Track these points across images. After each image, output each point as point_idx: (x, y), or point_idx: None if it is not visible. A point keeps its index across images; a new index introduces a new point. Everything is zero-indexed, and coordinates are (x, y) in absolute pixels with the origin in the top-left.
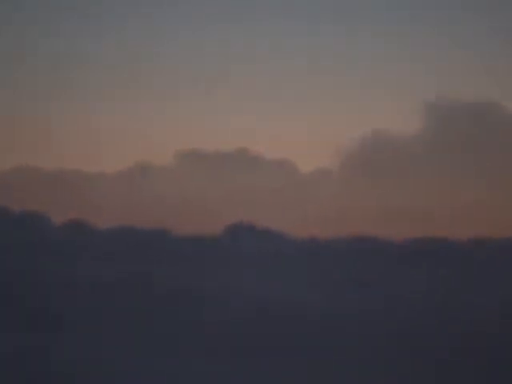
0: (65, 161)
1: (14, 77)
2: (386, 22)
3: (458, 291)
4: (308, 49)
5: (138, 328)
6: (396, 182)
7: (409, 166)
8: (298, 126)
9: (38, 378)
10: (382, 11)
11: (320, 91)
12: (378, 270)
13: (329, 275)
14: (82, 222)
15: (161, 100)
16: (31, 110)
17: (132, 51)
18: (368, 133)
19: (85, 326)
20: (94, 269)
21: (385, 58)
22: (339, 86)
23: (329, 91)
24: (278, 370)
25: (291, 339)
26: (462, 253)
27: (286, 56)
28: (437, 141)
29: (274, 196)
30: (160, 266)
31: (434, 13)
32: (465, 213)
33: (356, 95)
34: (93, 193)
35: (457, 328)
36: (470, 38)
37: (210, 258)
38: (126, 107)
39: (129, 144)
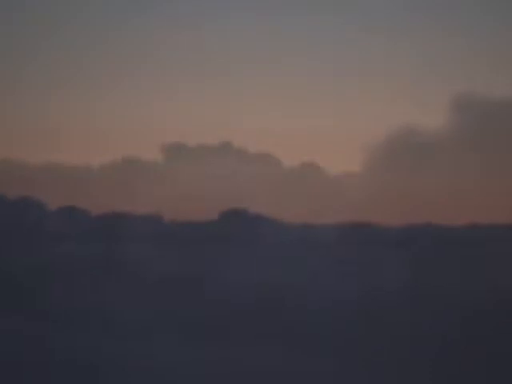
0: (55, 154)
1: (14, 77)
2: (387, 21)
3: (452, 276)
4: (307, 49)
5: (134, 314)
6: (389, 169)
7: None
8: (295, 123)
9: (37, 376)
10: (382, 11)
11: (317, 90)
12: (373, 256)
13: (323, 260)
14: (74, 208)
15: (153, 93)
16: (31, 108)
17: (132, 51)
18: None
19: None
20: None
21: (385, 57)
22: (333, 83)
23: (324, 89)
24: (275, 357)
25: (288, 326)
26: (458, 238)
27: (283, 54)
28: (431, 132)
29: (262, 187)
30: (147, 250)
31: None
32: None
33: (350, 94)
34: (82, 184)
35: (450, 313)
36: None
37: (201, 242)
38: (120, 101)
39: (116, 137)
